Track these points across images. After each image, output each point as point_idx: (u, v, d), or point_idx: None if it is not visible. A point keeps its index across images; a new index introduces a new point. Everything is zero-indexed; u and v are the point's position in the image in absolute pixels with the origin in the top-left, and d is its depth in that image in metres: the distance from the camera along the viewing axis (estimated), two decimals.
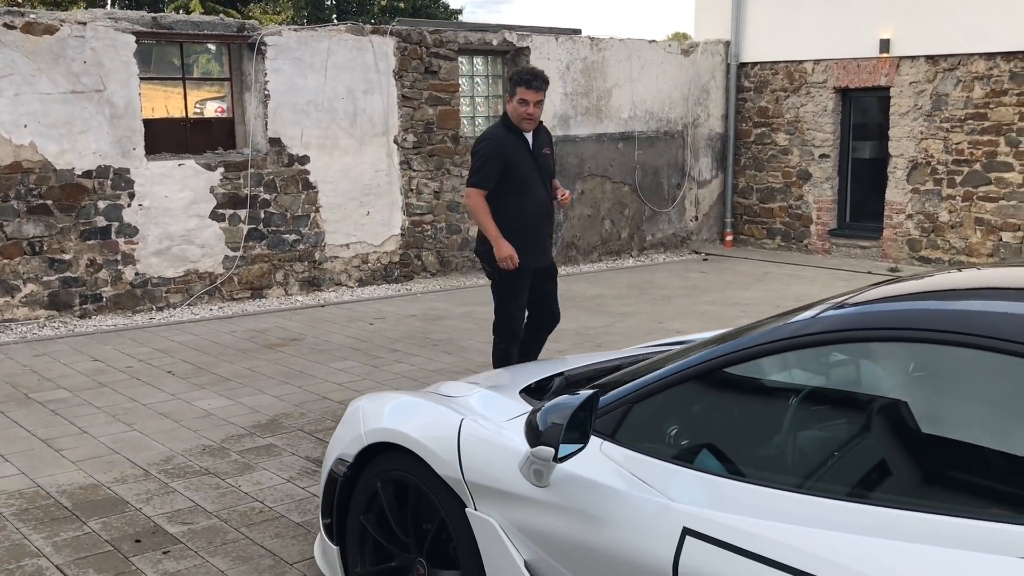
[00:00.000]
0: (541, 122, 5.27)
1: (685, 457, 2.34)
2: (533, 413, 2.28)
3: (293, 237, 8.88)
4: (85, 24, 7.59)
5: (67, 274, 7.76)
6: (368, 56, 9.08)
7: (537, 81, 5.09)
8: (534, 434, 2.23)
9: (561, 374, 3.25)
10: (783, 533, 1.93)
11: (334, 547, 3.16)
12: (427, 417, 2.81)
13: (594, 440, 2.40)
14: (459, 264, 10.12)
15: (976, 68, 10.16)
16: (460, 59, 10.01)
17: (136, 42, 7.85)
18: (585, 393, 2.28)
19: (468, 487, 2.56)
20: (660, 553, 2.07)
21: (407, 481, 2.80)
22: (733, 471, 2.28)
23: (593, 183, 11.15)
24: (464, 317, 8.21)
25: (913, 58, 10.62)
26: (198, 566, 3.64)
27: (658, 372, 2.46)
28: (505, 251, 5.06)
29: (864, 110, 11.49)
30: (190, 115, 8.61)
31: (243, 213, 8.53)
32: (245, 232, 8.57)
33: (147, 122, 8.17)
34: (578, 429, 2.23)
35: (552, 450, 2.19)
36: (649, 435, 2.43)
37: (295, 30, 8.83)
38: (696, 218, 12.35)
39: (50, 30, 7.46)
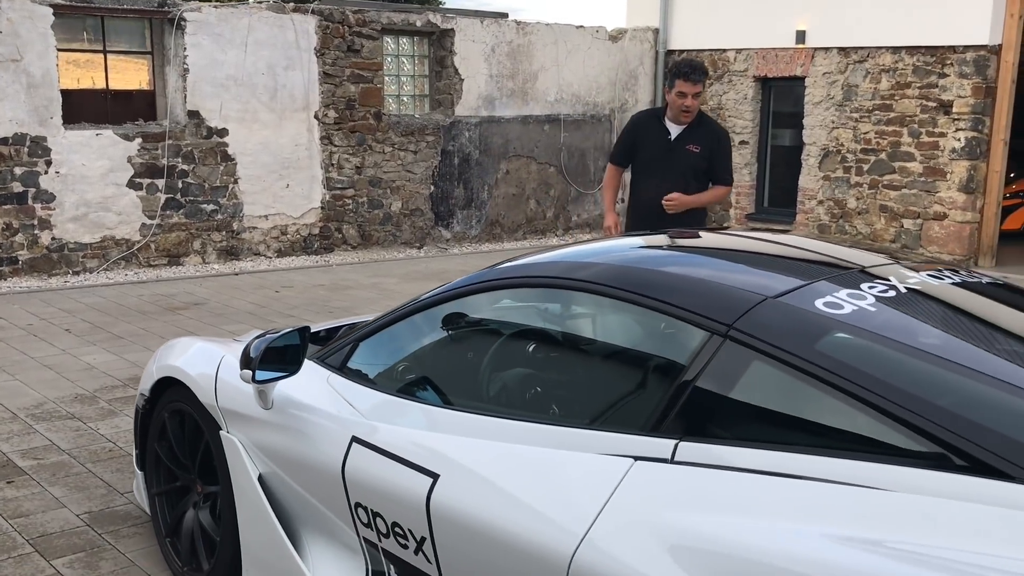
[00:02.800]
0: (712, 120, 5.27)
1: (398, 384, 2.72)
2: (251, 342, 2.66)
3: (211, 207, 9.20)
4: None
5: None
6: (289, 33, 9.38)
7: (696, 74, 5.04)
8: (245, 360, 2.61)
9: (353, 325, 3.62)
10: (420, 438, 2.33)
11: (140, 473, 3.55)
12: (199, 354, 3.19)
13: (322, 371, 2.79)
14: (380, 238, 10.47)
15: (883, 61, 10.56)
16: (386, 39, 10.32)
17: (54, 14, 8.13)
18: (294, 328, 2.66)
19: (221, 412, 2.94)
20: (336, 456, 2.48)
21: (184, 410, 3.18)
22: (426, 395, 2.67)
23: (518, 163, 11.50)
24: (371, 288, 8.57)
25: (827, 49, 11.02)
26: (36, 493, 4.00)
27: (383, 316, 2.85)
28: (608, 221, 5.33)
29: (783, 99, 11.88)
30: (111, 87, 8.88)
31: (160, 183, 8.84)
32: (162, 201, 8.88)
33: (67, 92, 8.45)
34: (282, 359, 2.60)
35: (251, 373, 2.57)
36: (371, 367, 2.81)
37: (215, 6, 9.12)
38: (622, 200, 12.72)
39: None
